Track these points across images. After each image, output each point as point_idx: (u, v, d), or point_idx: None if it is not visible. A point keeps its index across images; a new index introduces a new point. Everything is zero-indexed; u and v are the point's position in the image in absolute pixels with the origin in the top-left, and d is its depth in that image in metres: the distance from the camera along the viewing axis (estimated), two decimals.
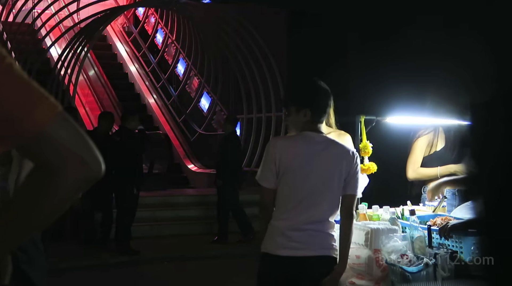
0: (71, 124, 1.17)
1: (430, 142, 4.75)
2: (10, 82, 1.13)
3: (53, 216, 1.21)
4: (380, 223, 3.64)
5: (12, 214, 1.18)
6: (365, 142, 4.15)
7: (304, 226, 3.38)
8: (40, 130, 1.13)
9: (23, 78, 1.14)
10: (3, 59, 1.13)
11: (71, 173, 1.15)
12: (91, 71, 14.87)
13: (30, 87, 1.15)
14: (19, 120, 1.12)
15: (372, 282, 3.37)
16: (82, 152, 1.16)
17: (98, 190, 5.63)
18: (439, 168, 4.62)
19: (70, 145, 1.15)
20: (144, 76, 15.49)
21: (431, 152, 4.73)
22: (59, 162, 1.14)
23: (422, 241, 3.45)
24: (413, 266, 3.24)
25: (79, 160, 1.15)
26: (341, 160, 3.44)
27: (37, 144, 1.14)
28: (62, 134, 1.15)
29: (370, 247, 3.43)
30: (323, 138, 3.48)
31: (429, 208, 4.25)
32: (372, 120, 4.20)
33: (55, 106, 1.15)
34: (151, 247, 8.99)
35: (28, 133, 1.13)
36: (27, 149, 1.16)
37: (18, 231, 1.19)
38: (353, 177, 3.45)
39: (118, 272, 7.83)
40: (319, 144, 3.46)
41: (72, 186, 1.17)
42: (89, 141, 1.18)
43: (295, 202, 3.41)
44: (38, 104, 1.13)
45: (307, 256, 3.36)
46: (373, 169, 4.20)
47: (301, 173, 3.43)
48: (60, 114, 1.15)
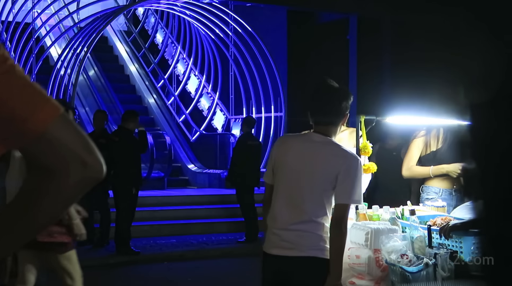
0: (72, 126, 1.18)
1: (427, 142, 4.77)
2: (12, 84, 1.13)
3: (54, 218, 1.21)
4: (380, 223, 3.63)
5: (13, 215, 1.18)
6: (365, 142, 4.15)
7: (292, 226, 3.39)
8: (42, 132, 1.13)
9: (25, 80, 1.15)
10: (5, 61, 1.14)
11: (73, 174, 1.15)
12: (91, 71, 14.87)
13: (32, 89, 1.15)
14: (21, 122, 1.12)
15: (372, 282, 3.37)
16: (84, 153, 1.17)
17: (96, 190, 5.63)
18: (432, 167, 4.67)
19: (72, 146, 1.16)
20: (144, 76, 15.49)
21: (428, 151, 4.75)
22: (60, 163, 1.15)
23: (422, 241, 3.45)
24: (413, 266, 3.24)
25: (81, 161, 1.16)
26: (332, 162, 3.34)
27: (39, 145, 1.14)
28: (64, 136, 1.15)
29: (370, 247, 3.43)
30: (321, 139, 3.45)
31: (429, 208, 4.26)
32: (372, 120, 4.20)
33: (56, 108, 1.16)
34: (151, 247, 8.99)
35: (30, 134, 1.13)
36: (28, 150, 1.16)
37: (20, 232, 1.19)
38: (342, 183, 3.30)
39: (118, 272, 7.83)
40: (314, 144, 3.44)
41: (74, 187, 1.17)
42: (91, 143, 1.18)
43: (281, 200, 3.43)
44: (40, 106, 1.14)
45: (296, 256, 3.36)
46: (373, 169, 4.20)
47: (290, 171, 3.44)
48: (62, 116, 1.16)
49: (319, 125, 3.44)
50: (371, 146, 4.19)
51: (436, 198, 4.57)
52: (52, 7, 14.15)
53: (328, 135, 3.43)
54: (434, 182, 4.69)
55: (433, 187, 4.69)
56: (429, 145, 4.77)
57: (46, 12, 13.56)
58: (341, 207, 3.31)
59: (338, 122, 3.45)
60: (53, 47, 13.25)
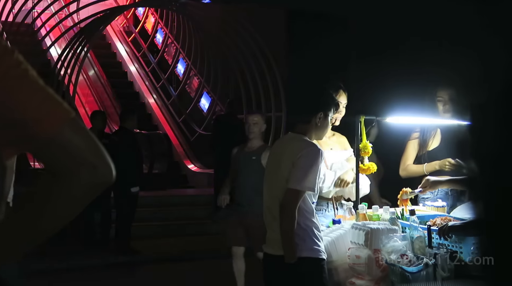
0: (83, 130, 1.19)
1: (424, 142, 4.81)
2: (25, 87, 1.14)
3: (64, 221, 1.22)
4: (380, 223, 3.64)
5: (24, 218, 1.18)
6: (365, 142, 4.15)
7: (270, 223, 3.44)
8: (53, 135, 1.14)
9: (38, 84, 1.16)
10: (19, 65, 1.15)
11: (83, 177, 1.16)
12: (91, 71, 14.87)
13: (45, 93, 1.16)
14: (33, 125, 1.13)
15: (372, 282, 3.37)
16: (94, 157, 1.18)
17: None
18: (425, 165, 4.72)
19: (82, 150, 1.17)
20: (144, 76, 15.49)
21: (424, 151, 4.80)
22: (71, 167, 1.16)
23: (422, 241, 3.45)
24: (413, 266, 3.24)
25: (91, 165, 1.17)
26: (291, 154, 3.36)
27: (50, 148, 1.15)
28: (75, 140, 1.16)
29: (370, 247, 3.43)
30: (290, 136, 3.54)
31: (428, 208, 4.26)
32: (372, 120, 4.21)
33: (68, 112, 1.17)
34: (151, 247, 8.99)
35: (41, 137, 1.14)
36: (39, 153, 1.17)
37: (29, 235, 1.20)
38: (294, 169, 3.30)
39: (118, 272, 7.82)
40: (282, 142, 3.57)
41: (83, 190, 1.18)
42: (101, 146, 1.20)
43: (264, 198, 3.51)
44: (52, 109, 1.15)
45: (273, 254, 3.41)
46: (373, 169, 4.21)
47: (267, 170, 3.58)
48: (73, 120, 1.17)
49: (297, 126, 3.53)
50: (371, 146, 4.20)
51: (432, 197, 4.58)
52: (52, 7, 14.15)
53: (302, 133, 3.47)
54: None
55: None
56: (423, 145, 4.82)
57: (46, 12, 13.56)
58: (289, 192, 3.30)
59: (310, 120, 3.47)
60: (53, 47, 13.24)
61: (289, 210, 3.28)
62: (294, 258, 3.28)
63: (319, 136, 3.52)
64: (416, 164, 4.81)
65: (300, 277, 3.33)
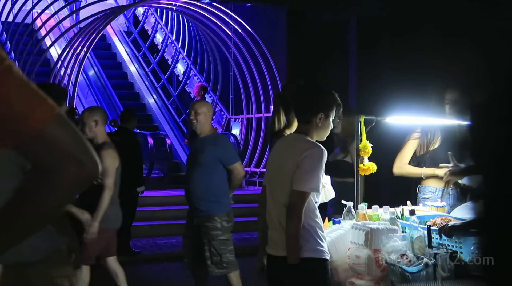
0: (68, 126, 1.18)
1: (424, 142, 4.77)
2: (9, 84, 1.14)
3: (50, 217, 1.22)
4: (380, 223, 3.64)
5: (10, 214, 1.18)
6: (365, 142, 4.15)
7: (275, 225, 3.42)
8: (38, 131, 1.14)
9: (22, 80, 1.16)
10: (2, 61, 1.14)
11: (68, 173, 1.16)
12: (91, 71, 14.87)
13: (29, 89, 1.16)
14: (18, 121, 1.13)
15: (372, 282, 3.37)
16: (79, 153, 1.18)
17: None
18: (424, 169, 4.66)
19: (67, 146, 1.17)
20: (144, 76, 15.49)
21: (423, 151, 4.75)
22: (56, 162, 1.15)
23: (422, 241, 3.45)
24: (413, 266, 3.24)
25: (76, 161, 1.16)
26: (296, 155, 3.34)
27: (35, 144, 1.15)
28: (60, 135, 1.16)
29: (370, 247, 3.43)
30: (293, 136, 3.53)
31: (428, 208, 4.26)
32: (372, 120, 4.20)
33: (53, 108, 1.17)
34: (151, 247, 8.98)
35: (26, 133, 1.13)
36: (24, 149, 1.17)
37: (15, 232, 1.20)
38: (299, 170, 3.29)
39: None
40: (285, 142, 3.54)
41: (69, 186, 1.18)
42: (86, 142, 1.19)
43: (269, 201, 3.47)
44: (37, 106, 1.14)
45: (277, 256, 3.39)
46: (373, 169, 4.20)
47: (268, 171, 3.56)
48: (58, 116, 1.17)
49: (298, 124, 3.51)
50: (371, 146, 4.19)
51: (433, 197, 4.58)
52: (52, 7, 14.14)
53: (304, 133, 3.45)
54: (430, 181, 4.69)
55: (429, 186, 4.69)
56: (424, 145, 4.77)
57: (46, 12, 13.56)
58: (295, 194, 3.29)
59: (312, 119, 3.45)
60: (53, 47, 13.24)
61: (295, 212, 3.26)
62: (297, 260, 3.27)
63: (320, 136, 3.51)
64: (415, 165, 4.77)
65: (303, 277, 3.31)
